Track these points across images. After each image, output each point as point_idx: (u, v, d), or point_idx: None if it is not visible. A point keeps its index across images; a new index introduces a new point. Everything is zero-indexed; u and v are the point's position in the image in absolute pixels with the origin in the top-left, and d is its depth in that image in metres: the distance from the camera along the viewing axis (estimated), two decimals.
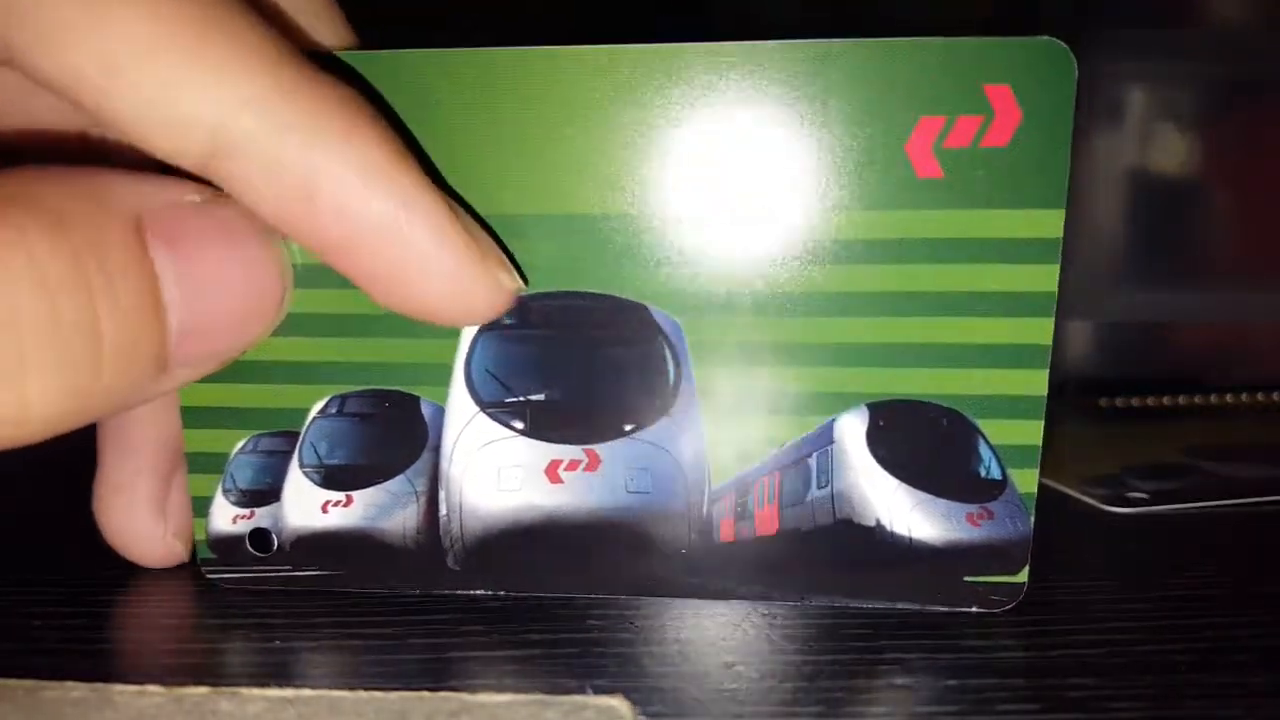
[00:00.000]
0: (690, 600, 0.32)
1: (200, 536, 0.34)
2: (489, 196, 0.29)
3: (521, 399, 0.31)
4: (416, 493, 0.32)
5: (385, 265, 0.25)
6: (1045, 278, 0.29)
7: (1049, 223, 0.28)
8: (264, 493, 0.33)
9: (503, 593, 0.33)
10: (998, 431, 0.31)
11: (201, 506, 0.34)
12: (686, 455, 0.31)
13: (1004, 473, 0.31)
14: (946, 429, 0.30)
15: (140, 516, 0.34)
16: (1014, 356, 0.30)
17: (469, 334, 0.31)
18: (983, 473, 0.31)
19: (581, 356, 0.30)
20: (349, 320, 0.31)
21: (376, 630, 0.31)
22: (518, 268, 0.30)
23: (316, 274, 0.30)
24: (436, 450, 0.31)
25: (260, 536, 0.33)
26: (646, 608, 0.33)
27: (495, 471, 0.31)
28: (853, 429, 0.31)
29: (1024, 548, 0.31)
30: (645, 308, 0.30)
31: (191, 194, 0.25)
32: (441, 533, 0.32)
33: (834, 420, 0.31)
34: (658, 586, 0.32)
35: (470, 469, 0.32)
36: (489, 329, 0.31)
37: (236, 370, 0.32)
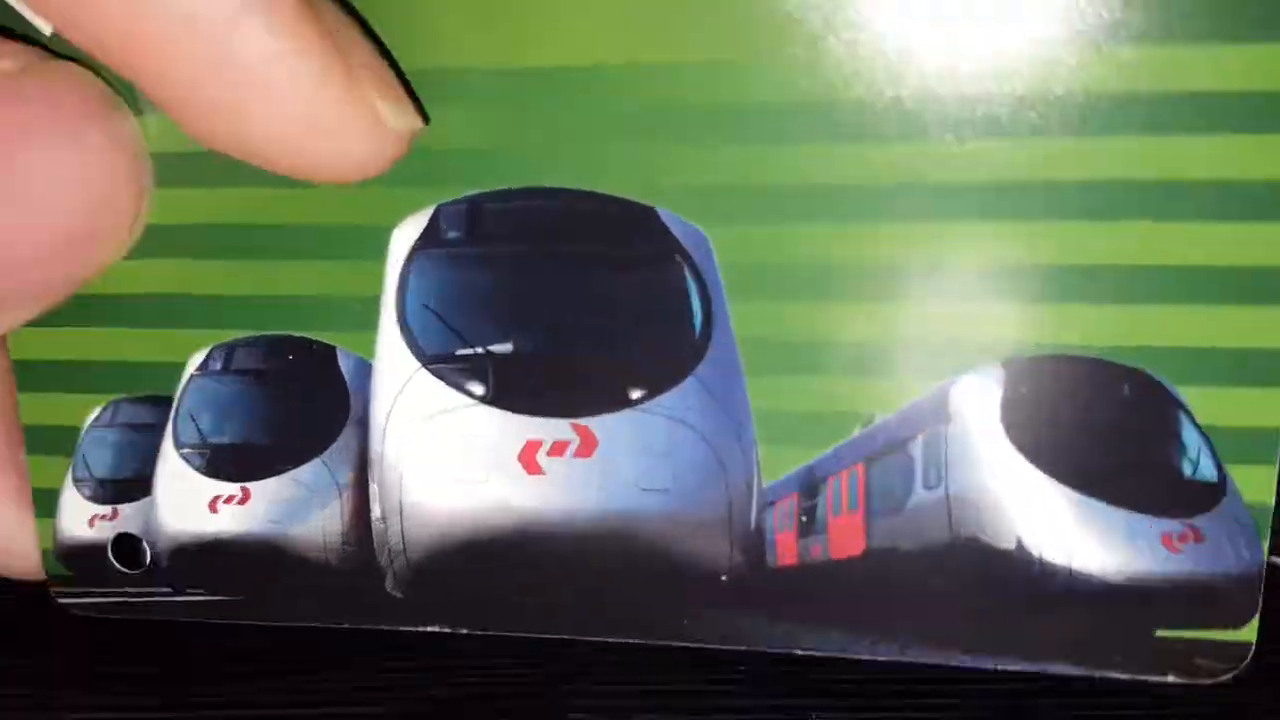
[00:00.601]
0: (731, 650, 0.29)
1: (46, 545, 0.31)
2: (419, 42, 0.26)
3: (480, 350, 0.28)
4: (338, 485, 0.29)
5: (203, 70, 0.22)
6: None
7: None
8: (129, 483, 0.30)
9: (463, 630, 0.30)
10: (1216, 405, 0.27)
11: (46, 502, 0.31)
12: (724, 436, 0.28)
13: (1222, 472, 0.27)
14: (1129, 399, 0.26)
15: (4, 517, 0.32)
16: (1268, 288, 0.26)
17: (399, 253, 0.28)
18: (1188, 471, 0.27)
19: (565, 287, 0.28)
20: (234, 234, 0.28)
21: (288, 685, 0.30)
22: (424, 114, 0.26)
23: (187, 166, 0.27)
24: (364, 424, 0.29)
25: (127, 545, 0.30)
26: (664, 668, 0.31)
27: (448, 456, 0.28)
28: (979, 398, 0.27)
29: (1252, 588, 0.27)
30: (654, 211, 0.27)
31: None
32: (376, 544, 0.29)
33: (950, 385, 0.27)
34: (684, 631, 0.29)
35: (412, 452, 0.29)
36: (428, 244, 0.28)
37: (80, 309, 0.29)
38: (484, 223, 0.28)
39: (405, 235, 0.28)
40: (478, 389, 0.28)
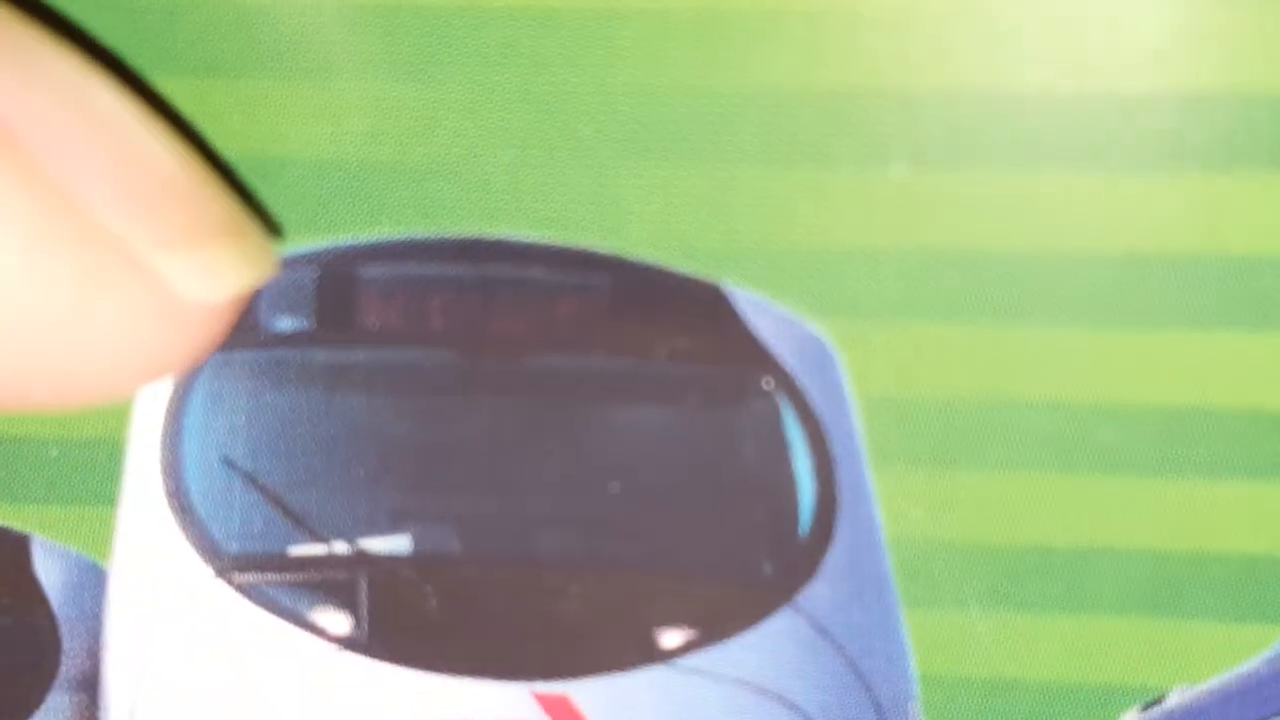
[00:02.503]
0: None
1: None
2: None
3: (341, 549, 0.17)
4: None
5: None
6: None
7: None
8: None
9: None
10: None
11: None
12: (848, 710, 0.18)
13: None
14: None
15: None
16: None
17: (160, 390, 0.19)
18: None
19: (522, 437, 0.18)
20: None
21: None
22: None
23: None
24: (88, 688, 0.19)
25: None
26: None
27: None
28: None
29: None
30: (722, 293, 0.19)
31: None
32: None
33: None
34: None
35: None
36: (234, 342, 0.18)
37: None
38: (357, 301, 0.18)
39: None
40: (337, 624, 0.17)
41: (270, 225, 0.20)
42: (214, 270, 0.18)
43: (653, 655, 0.17)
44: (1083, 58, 0.23)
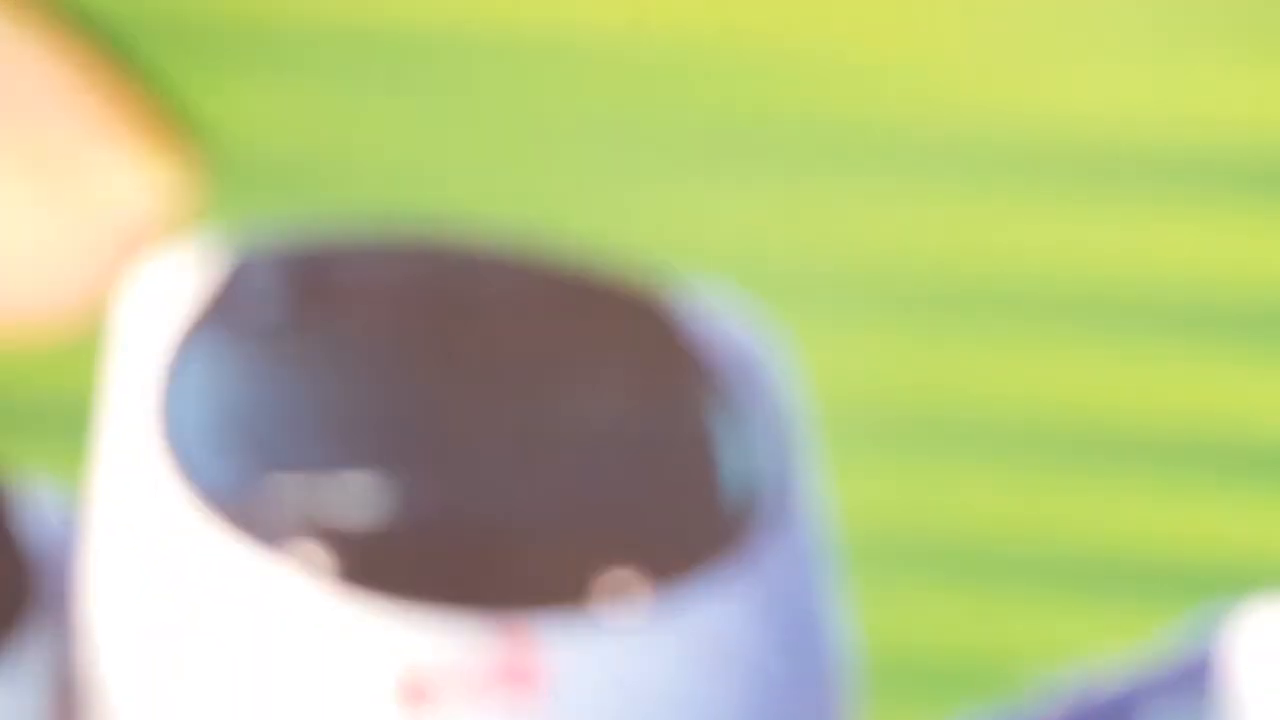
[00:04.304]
0: None
1: None
2: None
3: (322, 485, 0.19)
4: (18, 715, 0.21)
5: None
6: None
7: None
8: None
9: None
10: None
11: None
12: (774, 674, 0.19)
13: None
14: None
15: None
16: None
17: (156, 329, 0.21)
18: None
19: (484, 412, 0.20)
20: None
21: None
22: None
23: None
24: (66, 632, 0.20)
25: None
26: None
27: (250, 687, 0.19)
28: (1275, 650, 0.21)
29: None
30: (662, 290, 0.21)
31: None
32: None
33: (1211, 627, 0.21)
34: None
35: (187, 680, 0.19)
36: (220, 320, 0.20)
37: None
38: (335, 284, 0.20)
39: (168, 301, 0.20)
40: (309, 559, 0.19)
41: (197, 135, 0.23)
42: (134, 168, 0.20)
43: (611, 604, 0.19)
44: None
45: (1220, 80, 0.25)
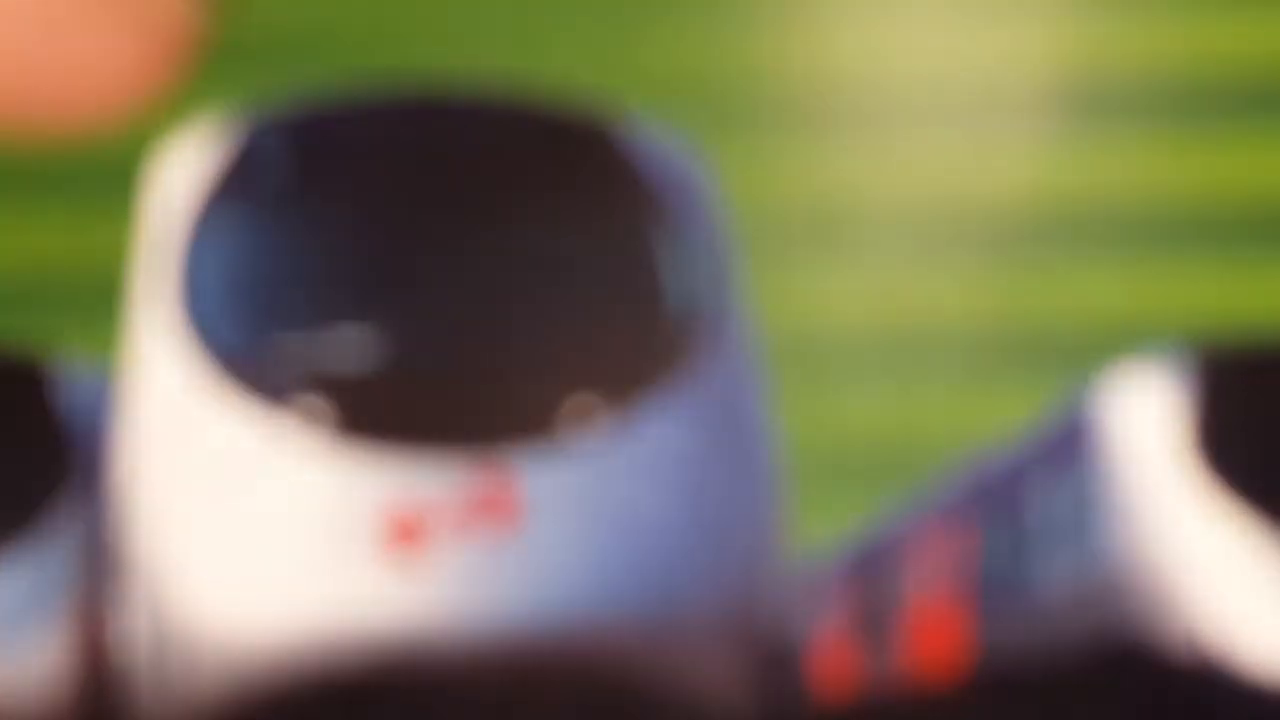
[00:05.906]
0: None
1: None
2: None
3: (317, 344, 0.20)
4: (52, 587, 0.20)
5: None
6: None
7: None
8: None
9: None
10: None
11: None
12: (722, 484, 0.20)
13: None
14: None
15: None
16: None
17: (176, 202, 0.21)
18: None
19: (456, 252, 0.20)
20: None
21: None
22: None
23: None
24: (98, 512, 0.21)
25: None
26: None
27: (257, 527, 0.19)
28: (1145, 411, 0.20)
29: None
30: (609, 131, 0.20)
31: None
32: (125, 690, 0.20)
33: (1086, 394, 0.20)
34: None
35: (189, 524, 0.20)
36: (236, 191, 0.21)
37: None
38: (336, 145, 0.21)
39: (187, 173, 0.21)
40: (314, 406, 0.20)
41: None
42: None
43: (558, 441, 0.20)
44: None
45: None
